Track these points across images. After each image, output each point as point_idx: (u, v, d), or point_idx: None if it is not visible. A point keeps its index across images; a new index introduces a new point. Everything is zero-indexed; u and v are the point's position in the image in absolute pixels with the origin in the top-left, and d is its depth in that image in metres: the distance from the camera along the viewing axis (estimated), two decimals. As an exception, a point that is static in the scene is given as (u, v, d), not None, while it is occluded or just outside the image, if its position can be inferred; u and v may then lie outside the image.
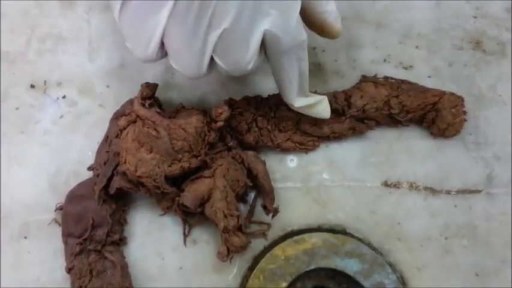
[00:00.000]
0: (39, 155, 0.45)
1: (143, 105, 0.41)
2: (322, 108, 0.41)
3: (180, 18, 0.31)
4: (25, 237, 0.43)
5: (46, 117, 0.47)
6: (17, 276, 0.42)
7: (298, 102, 0.40)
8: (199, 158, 0.41)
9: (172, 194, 0.40)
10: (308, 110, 0.41)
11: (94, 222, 0.39)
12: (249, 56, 0.34)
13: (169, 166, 0.40)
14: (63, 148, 0.46)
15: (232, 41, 0.33)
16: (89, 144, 0.45)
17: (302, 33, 0.35)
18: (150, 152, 0.39)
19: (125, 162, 0.40)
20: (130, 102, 0.42)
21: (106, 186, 0.41)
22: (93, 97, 0.48)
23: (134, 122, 0.41)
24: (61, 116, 0.47)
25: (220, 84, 0.48)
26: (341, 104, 0.45)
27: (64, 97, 0.48)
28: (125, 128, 0.41)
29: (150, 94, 0.42)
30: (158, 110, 0.41)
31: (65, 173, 0.44)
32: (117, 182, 0.40)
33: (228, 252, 0.39)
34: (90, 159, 0.44)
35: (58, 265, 0.41)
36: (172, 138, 0.40)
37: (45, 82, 0.48)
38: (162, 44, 0.34)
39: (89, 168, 0.43)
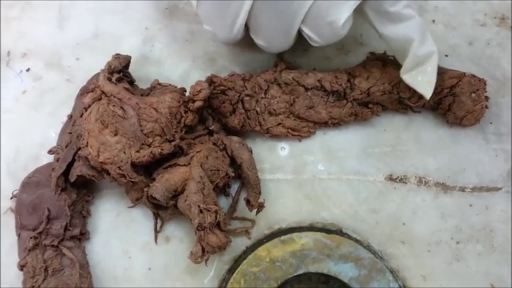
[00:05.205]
0: (-3, 135, 0.41)
1: (109, 79, 0.35)
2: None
3: None
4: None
5: (7, 93, 0.42)
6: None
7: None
8: (173, 142, 0.35)
9: (142, 183, 0.35)
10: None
11: (50, 214, 0.35)
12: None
13: (137, 151, 0.34)
14: (24, 128, 0.41)
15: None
16: (54, 124, 0.40)
17: None
18: (115, 135, 0.34)
19: (86, 146, 0.34)
20: (97, 76, 0.37)
21: (66, 173, 0.35)
22: (61, 71, 0.42)
23: (99, 99, 0.35)
24: (24, 92, 0.42)
25: (207, 59, 0.43)
26: (343, 86, 0.39)
27: (28, 70, 0.42)
28: (89, 106, 0.36)
29: (119, 67, 0.37)
30: (127, 86, 0.36)
31: (25, 156, 0.40)
32: (78, 169, 0.35)
33: (202, 253, 0.34)
34: (53, 141, 0.39)
35: (14, 261, 0.36)
36: (142, 119, 0.35)
37: (8, 53, 0.43)
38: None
39: (50, 152, 0.37)
